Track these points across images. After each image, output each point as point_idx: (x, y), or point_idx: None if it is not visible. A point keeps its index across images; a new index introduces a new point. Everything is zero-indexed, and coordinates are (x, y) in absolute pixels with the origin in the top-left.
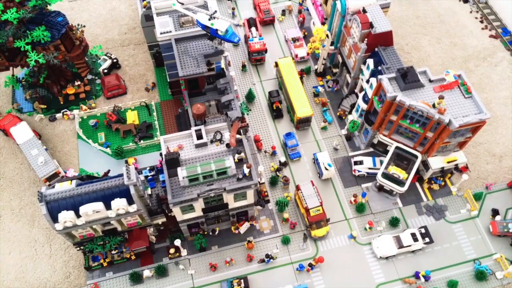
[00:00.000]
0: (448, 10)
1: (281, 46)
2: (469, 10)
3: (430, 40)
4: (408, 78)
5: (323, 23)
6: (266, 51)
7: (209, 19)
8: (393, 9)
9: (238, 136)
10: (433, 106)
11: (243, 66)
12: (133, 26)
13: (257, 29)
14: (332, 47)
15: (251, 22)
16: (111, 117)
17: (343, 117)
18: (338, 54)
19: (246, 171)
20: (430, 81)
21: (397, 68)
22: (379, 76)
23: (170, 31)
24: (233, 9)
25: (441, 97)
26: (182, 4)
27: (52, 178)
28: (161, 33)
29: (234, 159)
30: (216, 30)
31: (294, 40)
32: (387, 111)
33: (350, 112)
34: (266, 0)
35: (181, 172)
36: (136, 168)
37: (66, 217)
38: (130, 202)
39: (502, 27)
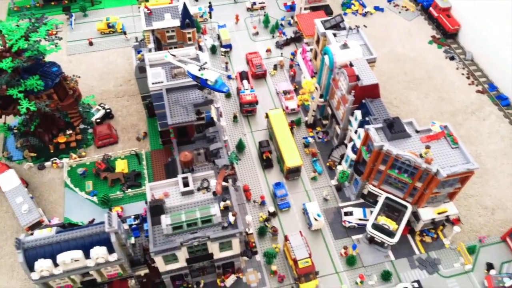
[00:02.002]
0: (435, 67)
1: (272, 99)
2: (455, 67)
3: (418, 95)
4: (394, 128)
5: (312, 77)
6: (257, 102)
7: (199, 70)
8: (381, 66)
9: (224, 183)
10: (420, 156)
11: (235, 117)
12: (128, 79)
13: (248, 82)
14: (322, 99)
15: (243, 75)
16: (100, 165)
17: (333, 168)
18: (328, 106)
19: (232, 219)
20: (417, 131)
21: (383, 119)
22: (366, 126)
23: (162, 82)
24: (226, 63)
25: (427, 147)
26: (174, 56)
27: (35, 227)
28: (153, 83)
29: (220, 207)
30: (206, 80)
31: (285, 92)
32: (375, 160)
33: (340, 163)
34: (259, 56)
35: (165, 220)
36: (120, 217)
37: (43, 265)
38: (111, 250)
39: (488, 82)
